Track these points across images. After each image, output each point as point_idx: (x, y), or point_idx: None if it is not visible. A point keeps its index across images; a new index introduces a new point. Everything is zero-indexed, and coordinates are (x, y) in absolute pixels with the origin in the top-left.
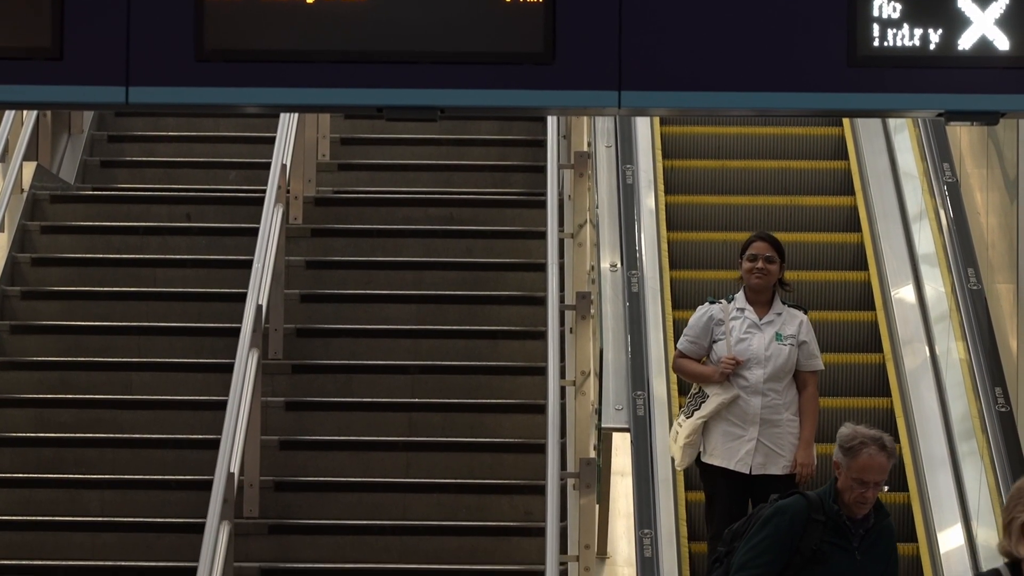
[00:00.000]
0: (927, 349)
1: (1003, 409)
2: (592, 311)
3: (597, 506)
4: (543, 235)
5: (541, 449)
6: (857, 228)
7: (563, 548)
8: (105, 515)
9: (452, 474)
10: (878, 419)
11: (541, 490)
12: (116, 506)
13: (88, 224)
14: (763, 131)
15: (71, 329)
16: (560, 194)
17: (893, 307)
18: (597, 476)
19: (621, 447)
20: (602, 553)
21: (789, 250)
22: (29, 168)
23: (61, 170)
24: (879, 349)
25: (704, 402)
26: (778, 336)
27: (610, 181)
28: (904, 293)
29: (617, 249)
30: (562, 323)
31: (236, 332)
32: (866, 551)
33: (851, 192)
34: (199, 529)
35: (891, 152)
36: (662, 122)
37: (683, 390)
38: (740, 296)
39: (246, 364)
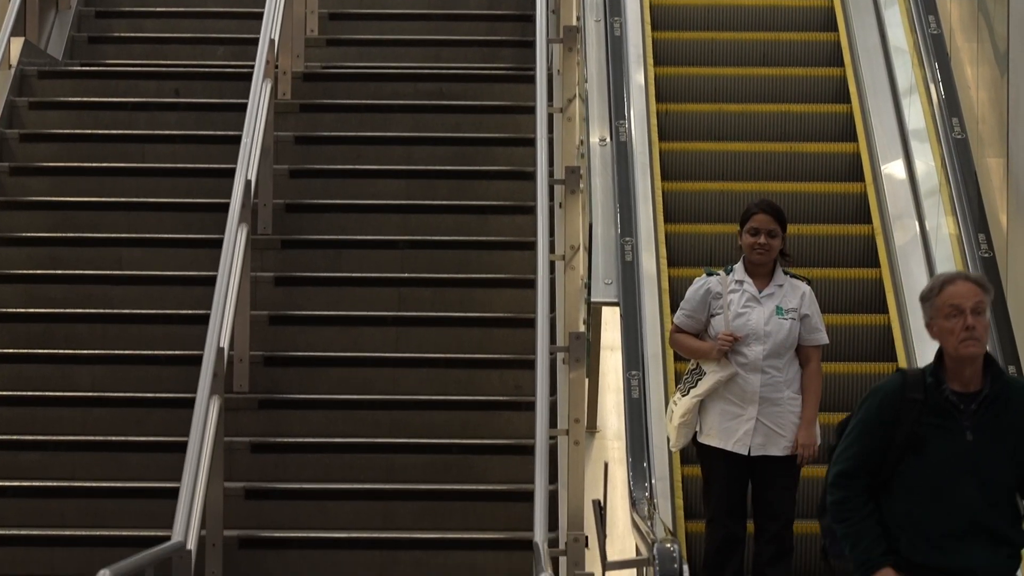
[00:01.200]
0: (917, 224)
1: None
2: (581, 186)
3: (587, 380)
4: (532, 110)
5: (530, 324)
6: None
7: (553, 422)
8: (95, 390)
9: (442, 349)
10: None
11: (530, 364)
12: (106, 381)
13: (76, 100)
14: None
15: (60, 205)
16: (549, 69)
17: (883, 182)
18: (586, 350)
19: (610, 321)
20: (591, 427)
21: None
22: (17, 44)
23: (49, 46)
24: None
25: (701, 379)
26: (779, 310)
27: (599, 55)
28: (894, 168)
29: (606, 123)
30: (551, 198)
31: (225, 208)
32: (982, 429)
33: (840, 64)
34: (189, 404)
35: (881, 25)
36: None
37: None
38: (739, 267)
39: (235, 239)
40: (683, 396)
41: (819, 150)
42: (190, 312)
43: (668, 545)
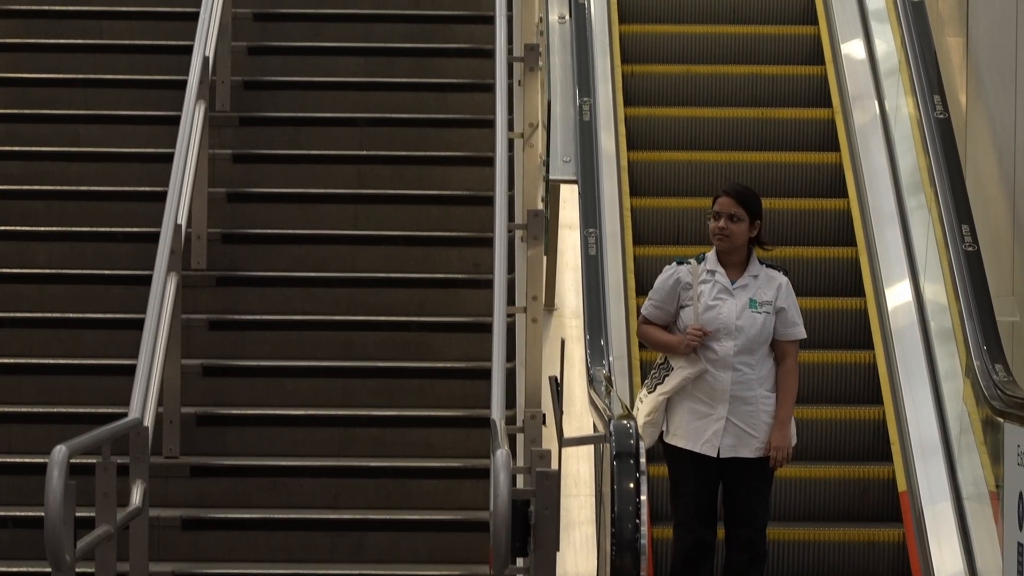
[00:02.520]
0: (876, 105)
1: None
2: (540, 63)
3: (545, 258)
4: None
5: (489, 201)
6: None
7: (510, 300)
8: (53, 267)
9: (400, 226)
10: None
11: (489, 242)
12: (64, 258)
13: None
14: None
15: (17, 81)
16: None
17: (843, 63)
18: (545, 228)
19: (569, 199)
20: (549, 305)
21: None
22: None
23: None
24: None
25: (668, 376)
26: (752, 303)
27: None
28: (853, 48)
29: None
30: (510, 76)
31: (183, 85)
32: None
33: None
34: (147, 281)
35: None
36: None
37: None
38: (711, 256)
39: (193, 116)
40: (649, 393)
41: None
42: (148, 189)
43: (625, 422)
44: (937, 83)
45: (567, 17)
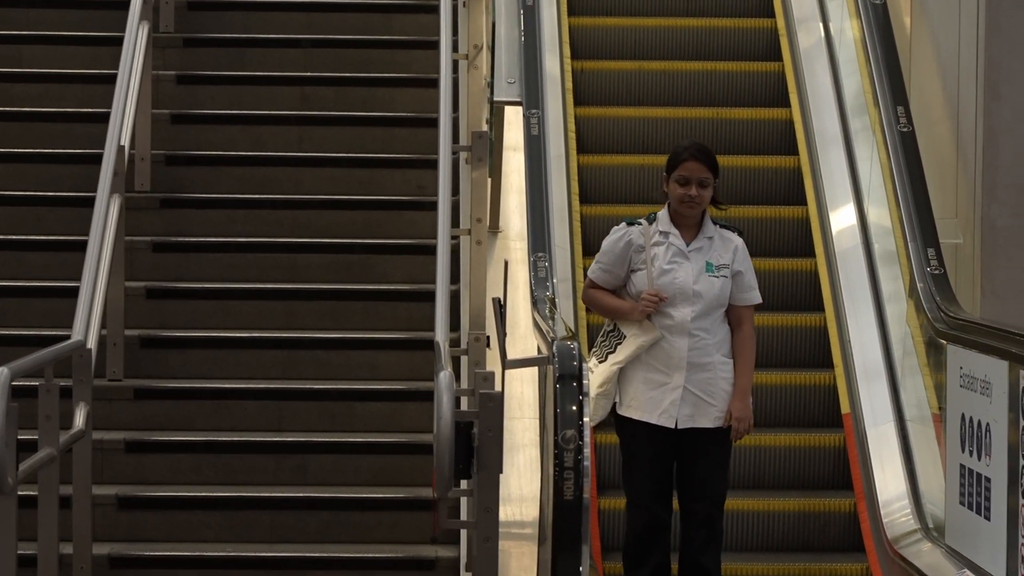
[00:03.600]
0: (821, 27)
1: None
2: None
3: (489, 180)
4: None
5: (433, 123)
6: None
7: (455, 222)
8: None
9: (345, 148)
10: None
11: (433, 164)
12: (6, 180)
13: None
14: None
15: None
16: None
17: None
18: (489, 150)
19: (513, 121)
20: (494, 227)
21: None
22: None
23: None
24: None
25: (620, 344)
26: (708, 266)
27: None
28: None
29: None
30: None
31: (126, 5)
32: None
33: None
34: (90, 203)
35: None
36: None
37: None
38: (663, 216)
39: (136, 37)
40: (600, 363)
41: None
42: (91, 111)
43: (568, 343)
44: (882, 5)
45: None
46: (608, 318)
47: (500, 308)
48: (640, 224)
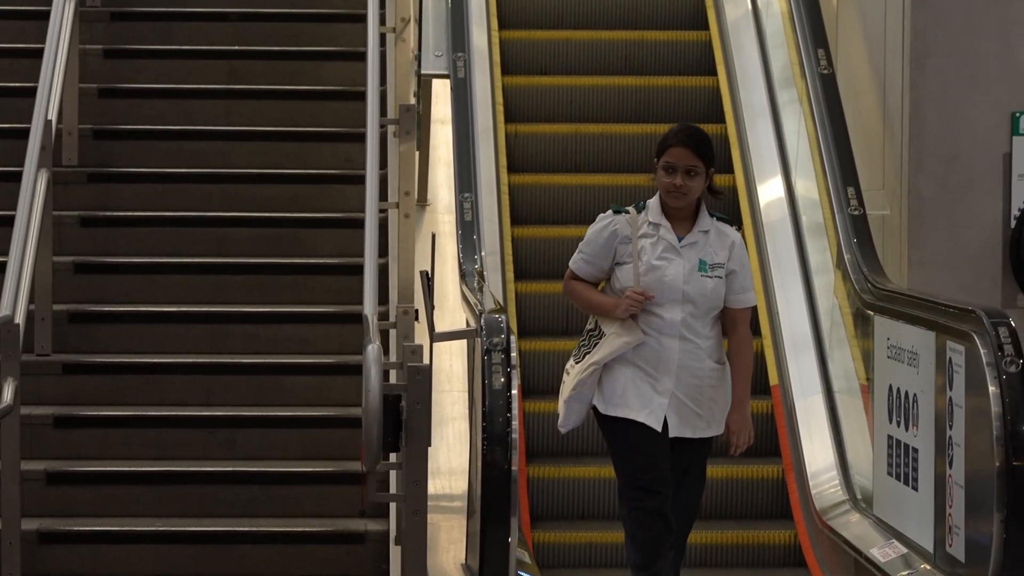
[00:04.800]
0: (748, 1)
1: (825, 71)
2: None
3: (417, 153)
4: None
5: (361, 96)
6: None
7: (383, 195)
8: None
9: (273, 122)
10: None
11: (361, 137)
12: None
13: None
14: None
15: None
16: None
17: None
18: (417, 123)
19: (441, 94)
20: (422, 200)
21: None
22: None
23: None
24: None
25: (600, 343)
26: (702, 264)
27: None
28: None
29: None
30: None
31: None
32: None
33: None
34: (17, 177)
35: None
36: None
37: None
38: (654, 205)
39: (63, 10)
40: (577, 363)
41: None
42: (17, 85)
43: (496, 316)
44: None
45: None
46: (589, 313)
47: (428, 281)
48: (627, 213)
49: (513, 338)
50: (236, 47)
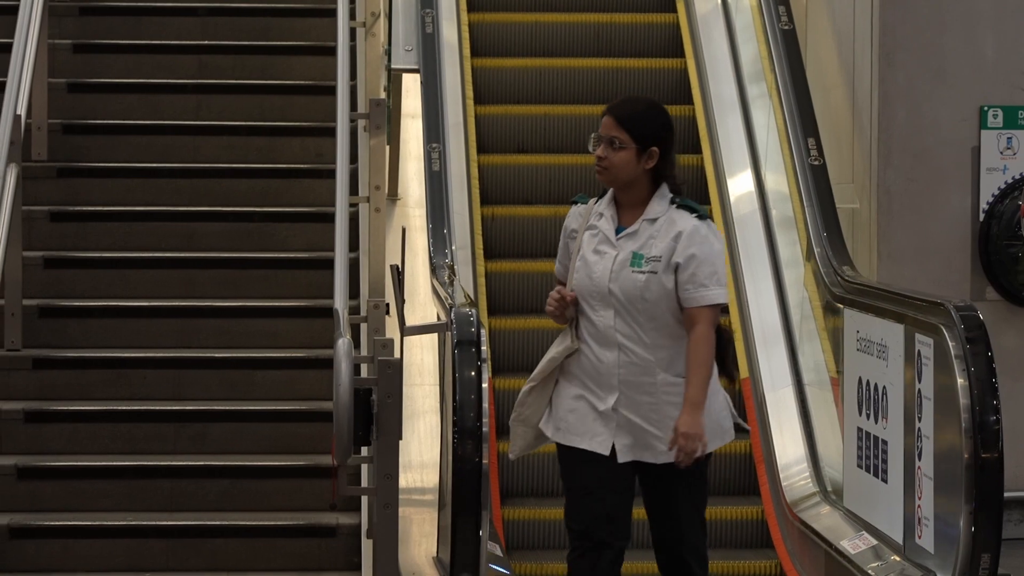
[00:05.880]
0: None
1: (786, 27)
2: None
3: (388, 148)
4: None
5: (331, 91)
6: None
7: (353, 189)
8: None
9: (243, 116)
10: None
11: (331, 132)
12: None
13: None
14: None
15: None
16: None
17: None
18: (387, 117)
19: (412, 89)
20: (393, 194)
21: None
22: None
23: None
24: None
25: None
26: (635, 257)
27: None
28: None
29: None
30: None
31: None
32: None
33: None
34: None
35: None
36: None
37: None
38: (610, 193)
39: (31, 4)
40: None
41: None
42: None
43: (466, 310)
44: None
45: None
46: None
47: (398, 275)
48: (583, 204)
49: (483, 331)
50: (206, 42)
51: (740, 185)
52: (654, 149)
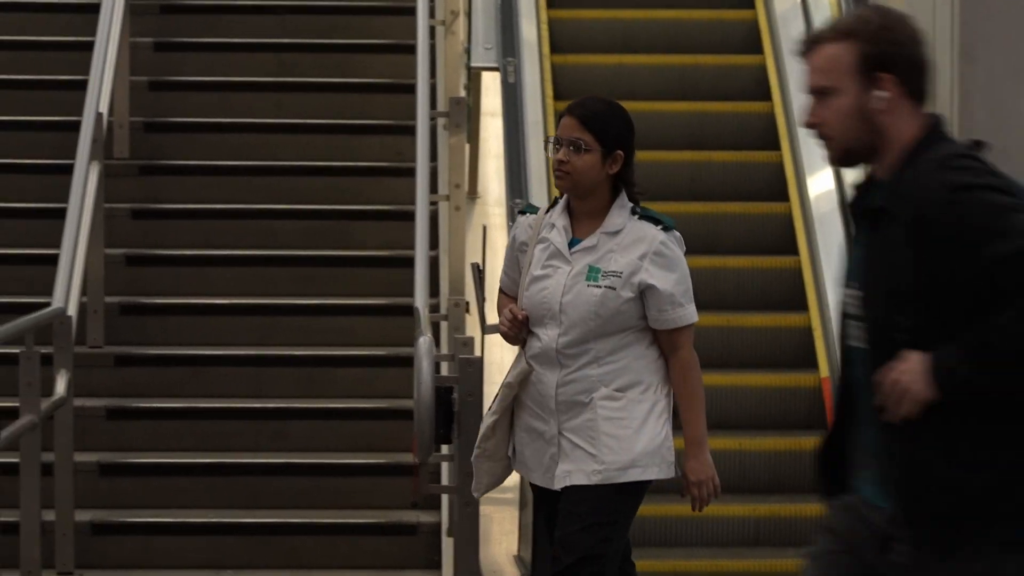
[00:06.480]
0: None
1: None
2: None
3: (468, 146)
4: None
5: (410, 89)
6: None
7: (433, 188)
8: None
9: (322, 114)
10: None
11: (410, 130)
12: None
13: None
14: None
15: None
16: None
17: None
18: (467, 116)
19: (491, 87)
20: (472, 193)
21: None
22: None
23: None
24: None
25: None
26: (591, 271)
27: None
28: None
29: None
30: None
31: None
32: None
33: None
34: (69, 170)
35: None
36: None
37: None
38: (564, 201)
39: (113, 4)
40: None
41: None
42: (68, 78)
43: None
44: None
45: None
46: None
47: (479, 273)
48: (532, 214)
49: None
50: (285, 39)
51: (820, 183)
52: (619, 152)
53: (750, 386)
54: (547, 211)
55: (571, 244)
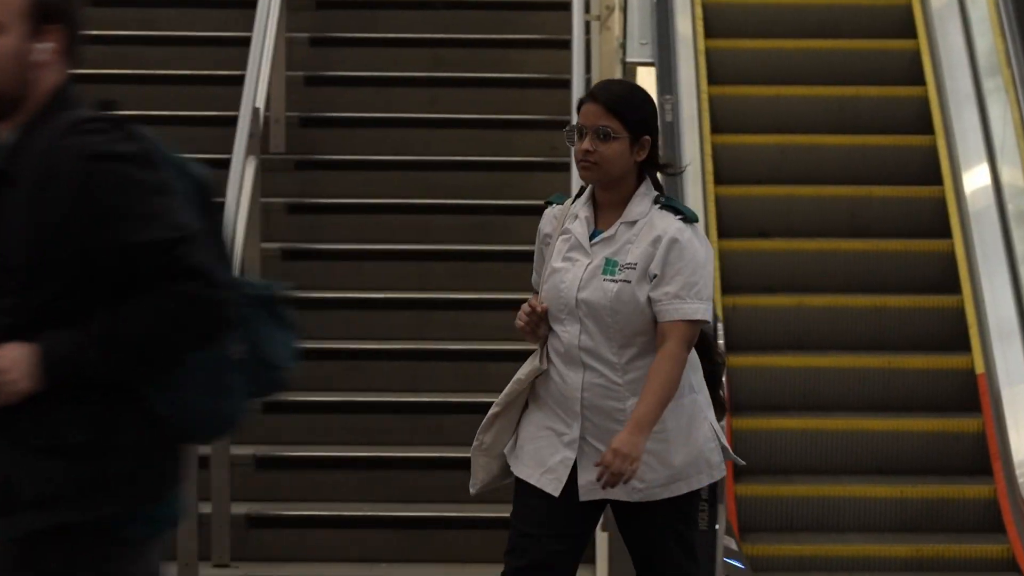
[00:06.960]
0: None
1: None
2: None
3: None
4: None
5: (566, 84)
6: None
7: None
8: None
9: (477, 109)
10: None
11: (565, 125)
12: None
13: None
14: None
15: None
16: None
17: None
18: None
19: (645, 82)
20: None
21: None
22: None
23: None
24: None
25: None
26: (608, 264)
27: None
28: None
29: None
30: None
31: None
32: None
33: None
34: (226, 165)
35: None
36: None
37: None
38: (588, 192)
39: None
40: None
41: None
42: (225, 73)
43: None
44: None
45: None
46: None
47: None
48: (559, 204)
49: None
50: (440, 35)
51: (975, 179)
52: (646, 138)
53: (911, 431)
54: (572, 201)
55: (593, 236)
